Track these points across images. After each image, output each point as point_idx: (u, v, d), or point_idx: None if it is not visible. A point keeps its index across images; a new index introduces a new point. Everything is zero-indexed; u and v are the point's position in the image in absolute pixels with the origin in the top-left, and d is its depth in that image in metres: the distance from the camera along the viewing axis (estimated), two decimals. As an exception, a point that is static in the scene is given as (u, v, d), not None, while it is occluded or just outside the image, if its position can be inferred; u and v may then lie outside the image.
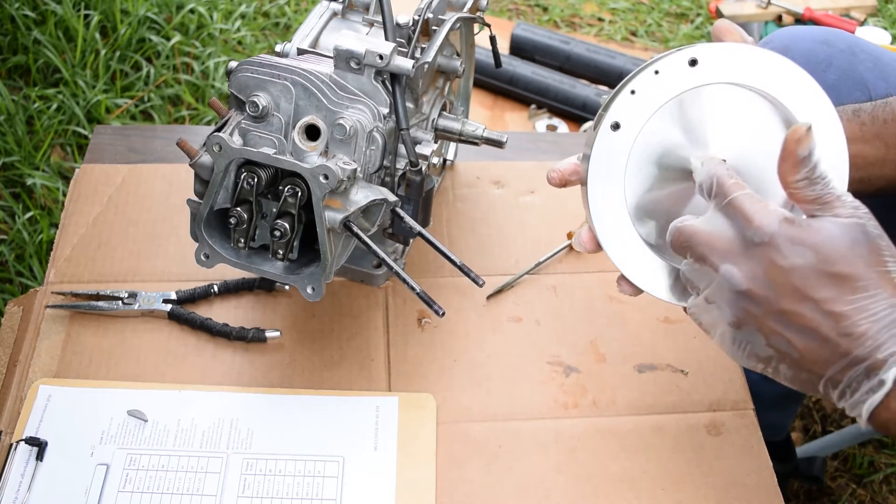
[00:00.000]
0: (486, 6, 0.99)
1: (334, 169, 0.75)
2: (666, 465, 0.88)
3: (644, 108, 0.69)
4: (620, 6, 2.23)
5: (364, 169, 0.81)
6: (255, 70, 0.79)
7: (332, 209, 0.78)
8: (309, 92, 0.79)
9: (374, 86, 0.81)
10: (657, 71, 0.68)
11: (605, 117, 0.69)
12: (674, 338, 0.98)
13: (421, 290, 0.79)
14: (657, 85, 0.68)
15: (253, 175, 0.78)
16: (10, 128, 1.69)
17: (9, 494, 0.81)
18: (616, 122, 0.69)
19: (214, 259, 0.83)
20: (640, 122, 0.69)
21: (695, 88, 0.69)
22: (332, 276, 0.81)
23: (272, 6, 2.10)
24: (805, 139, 0.59)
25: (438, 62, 0.93)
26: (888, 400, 0.55)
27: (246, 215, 0.79)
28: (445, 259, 0.82)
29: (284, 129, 0.79)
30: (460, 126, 0.96)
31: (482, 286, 0.81)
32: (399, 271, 0.80)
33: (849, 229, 0.57)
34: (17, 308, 0.97)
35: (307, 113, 0.79)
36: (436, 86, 0.96)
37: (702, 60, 0.68)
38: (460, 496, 0.85)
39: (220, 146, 0.77)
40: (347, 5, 0.92)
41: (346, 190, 0.78)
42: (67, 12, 1.86)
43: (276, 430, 0.88)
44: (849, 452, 1.46)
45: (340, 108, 0.80)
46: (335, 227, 0.78)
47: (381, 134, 0.81)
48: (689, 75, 0.68)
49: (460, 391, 0.92)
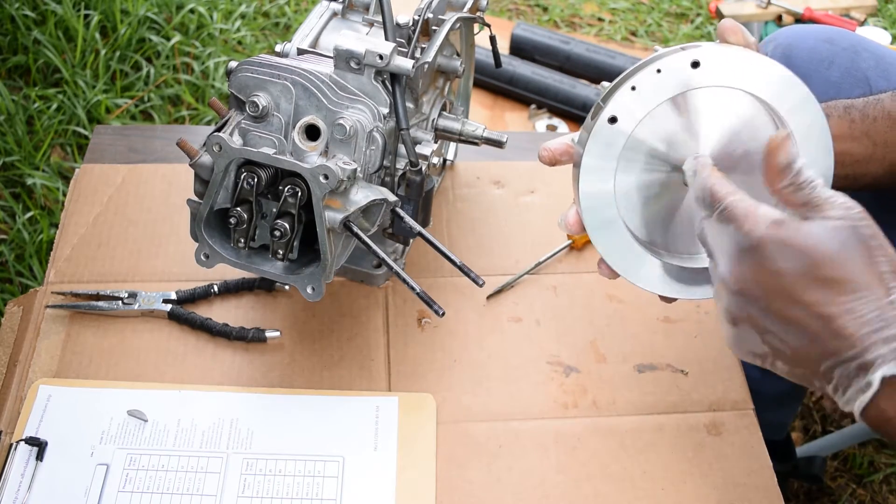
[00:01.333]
0: (486, 6, 0.99)
1: (334, 169, 0.75)
2: (666, 465, 0.88)
3: (642, 105, 0.70)
4: (620, 6, 2.23)
5: (364, 169, 0.81)
6: (255, 70, 0.79)
7: (332, 209, 0.78)
8: (309, 92, 0.79)
9: (374, 86, 0.81)
10: (659, 70, 0.69)
11: (604, 110, 0.70)
12: (674, 338, 0.98)
13: (421, 290, 0.79)
14: (658, 83, 0.69)
15: (253, 175, 0.78)
16: (10, 128, 1.69)
17: (9, 494, 0.81)
18: (614, 115, 0.70)
19: (214, 259, 0.83)
20: (637, 117, 0.70)
21: (694, 90, 0.69)
22: (332, 276, 0.81)
23: (272, 6, 2.10)
24: (783, 147, 0.61)
25: (438, 62, 0.93)
26: (877, 400, 0.56)
27: (246, 215, 0.79)
28: (445, 259, 0.82)
29: (284, 129, 0.79)
30: (460, 126, 0.96)
31: (482, 286, 0.81)
32: (399, 271, 0.80)
33: (838, 232, 0.57)
34: (17, 308, 0.97)
35: (307, 113, 0.79)
36: (436, 86, 0.96)
37: (704, 63, 0.68)
38: (460, 496, 0.85)
39: (221, 146, 0.77)
40: (347, 5, 0.92)
41: (345, 190, 0.78)
42: (67, 12, 1.86)
43: (276, 430, 0.88)
44: (849, 452, 1.46)
45: (340, 108, 0.80)
46: (335, 227, 0.78)
47: (381, 134, 0.81)
48: (690, 76, 0.69)
49: (460, 391, 0.92)
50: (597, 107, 0.72)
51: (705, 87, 0.69)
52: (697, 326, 0.98)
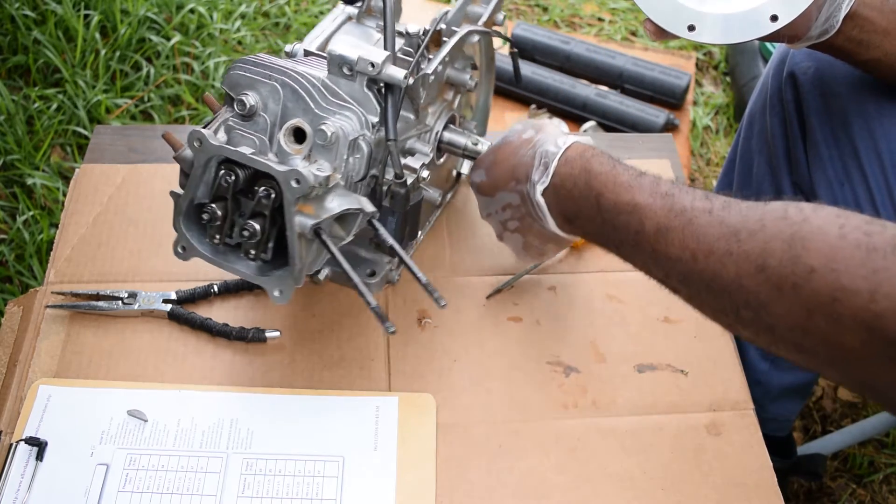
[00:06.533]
0: (503, 21, 0.98)
1: (305, 174, 0.73)
2: (666, 465, 0.88)
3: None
4: (620, 6, 2.23)
5: (347, 177, 0.80)
6: (248, 69, 0.79)
7: (304, 214, 0.76)
8: (297, 95, 0.78)
9: (365, 94, 0.80)
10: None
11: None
12: (674, 338, 0.98)
13: (376, 305, 0.78)
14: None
15: (230, 173, 0.77)
16: (10, 128, 1.69)
17: (9, 494, 0.81)
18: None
19: (191, 252, 0.82)
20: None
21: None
22: (301, 280, 0.79)
23: (272, 6, 2.10)
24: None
25: (448, 74, 0.92)
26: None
27: (220, 212, 0.78)
28: (412, 275, 0.81)
29: (270, 129, 0.79)
30: (465, 140, 0.95)
31: (443, 307, 0.81)
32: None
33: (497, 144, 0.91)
34: (17, 308, 0.97)
35: (294, 115, 0.79)
36: (444, 98, 0.95)
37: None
38: (460, 496, 0.85)
39: (201, 141, 0.76)
40: (365, 10, 0.91)
41: (320, 196, 0.77)
42: (67, 12, 1.86)
43: (276, 430, 0.88)
44: (849, 452, 1.46)
45: (327, 113, 0.79)
46: (305, 232, 0.77)
47: (367, 143, 0.80)
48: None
49: (460, 391, 0.92)
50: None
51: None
52: (697, 326, 0.98)
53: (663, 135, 1.26)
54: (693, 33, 0.86)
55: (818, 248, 0.61)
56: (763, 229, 0.64)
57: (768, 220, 0.65)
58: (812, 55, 1.01)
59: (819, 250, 0.60)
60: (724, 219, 0.67)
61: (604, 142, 1.24)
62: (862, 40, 0.88)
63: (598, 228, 0.78)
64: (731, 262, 0.65)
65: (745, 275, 0.64)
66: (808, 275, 0.60)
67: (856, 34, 0.87)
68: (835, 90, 0.99)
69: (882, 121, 0.95)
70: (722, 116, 1.99)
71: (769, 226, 0.64)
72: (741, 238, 0.65)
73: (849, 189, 0.97)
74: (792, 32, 0.86)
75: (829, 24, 0.85)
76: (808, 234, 0.62)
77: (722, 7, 0.85)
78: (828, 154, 0.99)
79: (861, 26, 0.87)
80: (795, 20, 0.83)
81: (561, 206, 0.82)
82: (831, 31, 0.86)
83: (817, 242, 0.61)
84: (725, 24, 0.85)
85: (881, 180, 0.94)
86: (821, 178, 1.00)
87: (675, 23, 0.86)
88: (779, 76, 1.05)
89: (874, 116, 0.96)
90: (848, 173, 0.97)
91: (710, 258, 0.67)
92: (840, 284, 0.59)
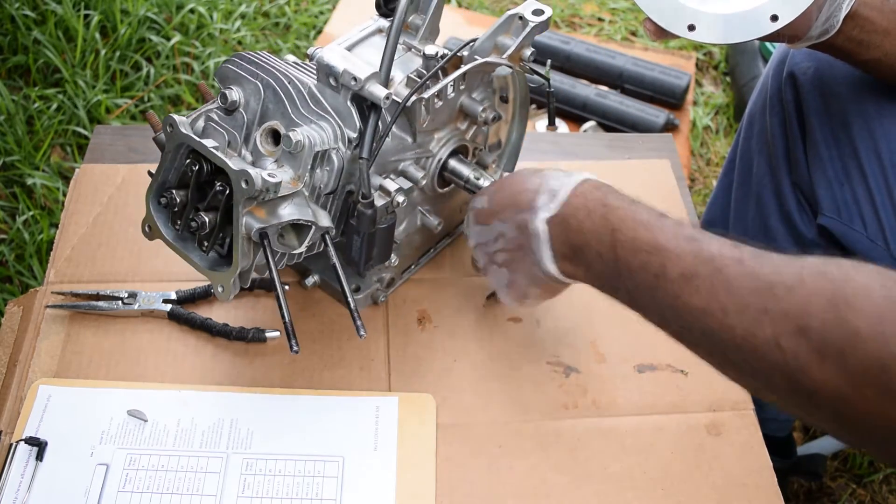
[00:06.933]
0: (531, 57, 0.94)
1: (255, 176, 0.73)
2: (666, 465, 0.88)
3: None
4: (620, 6, 2.23)
5: (314, 187, 0.80)
6: (238, 65, 0.80)
7: (253, 216, 0.76)
8: (278, 97, 0.78)
9: (347, 107, 0.79)
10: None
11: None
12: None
13: (289, 321, 0.78)
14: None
15: (196, 163, 0.77)
16: (10, 128, 1.69)
17: (9, 494, 0.81)
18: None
19: (155, 233, 0.82)
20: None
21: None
22: (247, 281, 0.79)
23: (272, 6, 2.10)
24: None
25: (462, 102, 0.90)
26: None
27: (179, 199, 0.79)
28: (343, 297, 0.80)
29: (248, 127, 0.79)
30: (469, 173, 0.92)
31: (363, 338, 0.81)
32: (280, 295, 0.78)
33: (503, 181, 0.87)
34: (17, 308, 0.97)
35: (273, 117, 0.79)
36: (457, 126, 0.92)
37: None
38: (460, 496, 0.85)
39: (172, 127, 0.77)
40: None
41: (274, 202, 0.76)
42: (67, 12, 1.86)
43: (276, 430, 0.88)
44: (849, 452, 1.46)
45: (302, 120, 0.78)
46: (251, 234, 0.76)
47: (339, 157, 0.79)
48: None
49: (460, 391, 0.92)
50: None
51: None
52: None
53: (663, 135, 1.26)
54: (693, 33, 0.86)
55: (864, 309, 0.55)
56: (802, 285, 0.59)
57: (807, 275, 0.59)
58: (812, 55, 1.01)
59: (864, 311, 0.55)
60: (757, 271, 0.62)
61: (604, 142, 1.24)
62: (862, 40, 0.88)
63: (608, 268, 0.73)
64: (767, 320, 0.59)
65: (783, 335, 0.59)
66: (854, 339, 0.55)
67: (856, 34, 0.87)
68: (835, 90, 0.99)
69: (882, 121, 0.95)
70: (722, 116, 1.99)
71: (809, 282, 0.59)
72: (778, 294, 0.60)
73: (848, 189, 0.97)
74: (792, 32, 0.86)
75: (830, 24, 0.85)
76: (851, 294, 0.56)
77: (722, 7, 0.85)
78: (828, 154, 0.99)
79: (861, 26, 0.87)
80: (796, 20, 0.83)
81: (567, 239, 0.77)
82: (832, 31, 0.86)
83: (862, 303, 0.55)
84: (725, 24, 0.85)
85: (881, 180, 0.94)
86: (821, 178, 1.00)
87: (675, 22, 0.86)
88: (779, 76, 1.06)
89: (874, 116, 0.96)
90: (848, 173, 0.97)
91: (744, 314, 0.61)
92: (890, 351, 0.54)
